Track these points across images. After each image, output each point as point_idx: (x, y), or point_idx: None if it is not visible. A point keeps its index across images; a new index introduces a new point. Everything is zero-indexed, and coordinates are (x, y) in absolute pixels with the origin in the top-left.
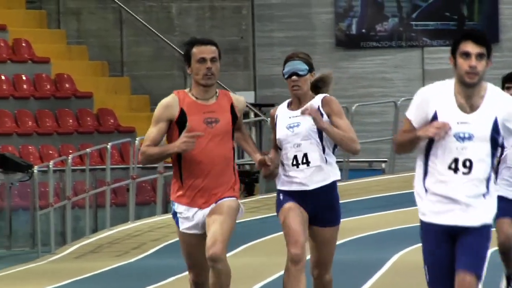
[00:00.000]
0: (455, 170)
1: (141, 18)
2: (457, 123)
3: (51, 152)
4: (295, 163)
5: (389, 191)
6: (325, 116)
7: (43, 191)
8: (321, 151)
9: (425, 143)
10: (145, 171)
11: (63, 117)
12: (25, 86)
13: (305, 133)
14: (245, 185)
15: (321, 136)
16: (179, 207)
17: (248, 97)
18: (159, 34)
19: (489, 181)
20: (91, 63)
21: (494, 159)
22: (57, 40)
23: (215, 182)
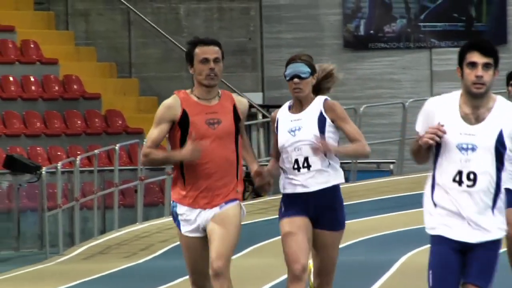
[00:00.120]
0: (460, 182)
1: (149, 19)
2: (459, 133)
3: (59, 153)
4: (296, 166)
5: (397, 192)
6: (329, 120)
7: (51, 192)
8: (323, 155)
9: (433, 155)
10: (153, 172)
11: (71, 118)
12: (33, 87)
13: (307, 138)
14: (252, 186)
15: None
16: (180, 208)
17: (256, 98)
18: (167, 35)
19: (497, 195)
20: (99, 64)
21: (500, 172)
22: (65, 41)
23: (217, 182)
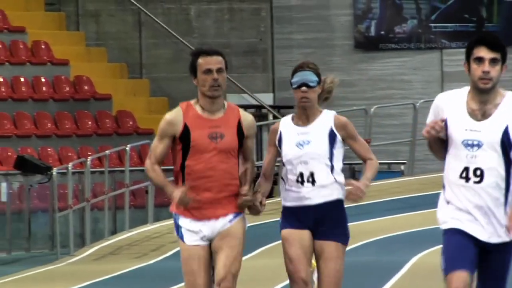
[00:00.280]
0: (467, 179)
1: (160, 20)
2: (465, 130)
3: (70, 154)
4: (300, 180)
5: (408, 193)
6: (339, 137)
7: (62, 193)
8: (329, 171)
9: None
10: (164, 173)
11: (82, 119)
12: (44, 88)
13: (315, 153)
14: None
15: (331, 156)
16: (183, 220)
17: (266, 99)
18: (178, 36)
19: (509, 191)
20: (110, 65)
21: (510, 167)
22: (76, 42)
23: (219, 195)
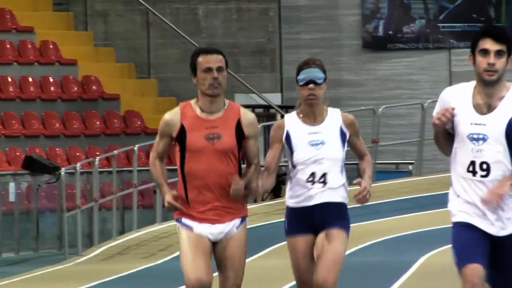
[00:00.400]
0: (473, 173)
1: (168, 20)
2: (470, 124)
3: (78, 154)
4: (311, 179)
5: (416, 193)
6: (347, 135)
7: (70, 193)
8: (340, 172)
9: (452, 146)
10: (172, 173)
11: (90, 119)
12: (52, 88)
13: (332, 154)
14: None
15: (343, 157)
16: (186, 221)
17: (274, 99)
18: (186, 36)
19: None
20: (118, 65)
21: None
22: (84, 42)
23: (221, 197)
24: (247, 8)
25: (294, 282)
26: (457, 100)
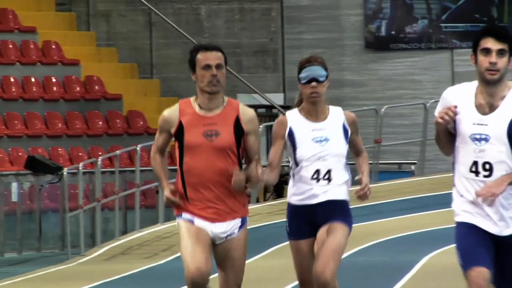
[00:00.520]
0: (476, 173)
1: (171, 20)
2: (472, 124)
3: (80, 154)
4: (315, 177)
5: (419, 193)
6: (349, 132)
7: (72, 193)
8: (344, 169)
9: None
10: (175, 173)
11: (92, 119)
12: (55, 88)
13: (336, 151)
14: (274, 187)
15: (346, 154)
16: (187, 216)
17: (277, 99)
18: (189, 36)
19: None
20: (121, 65)
21: None
22: (86, 42)
23: (221, 196)
24: (249, 8)
25: (296, 282)
26: (459, 99)
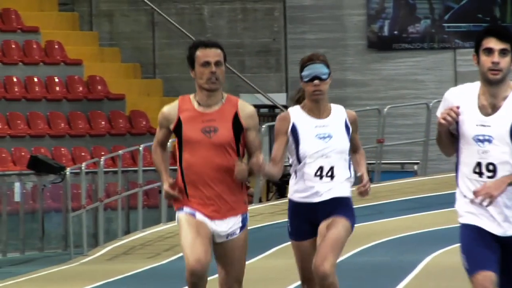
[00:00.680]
0: (480, 174)
1: (174, 20)
2: (476, 125)
3: (83, 154)
4: (318, 174)
5: (421, 193)
6: (351, 130)
7: (75, 193)
8: (347, 166)
9: (456, 146)
10: (175, 173)
11: (95, 119)
12: (57, 88)
13: (339, 147)
14: (276, 186)
15: (348, 151)
16: (187, 209)
17: (280, 99)
18: (191, 36)
19: None
20: (124, 65)
21: None
22: (89, 42)
23: (220, 190)
24: (252, 8)
25: (299, 282)
26: (462, 100)
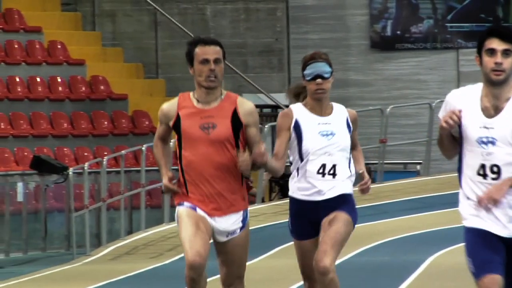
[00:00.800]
0: (484, 176)
1: (176, 20)
2: (479, 127)
3: (86, 154)
4: (321, 171)
5: (424, 193)
6: (351, 128)
7: (78, 193)
8: (348, 164)
9: (459, 148)
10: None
11: (98, 119)
12: (60, 88)
13: (342, 145)
14: (279, 186)
15: (350, 149)
16: (188, 204)
17: (282, 99)
18: (194, 36)
19: None
20: (126, 65)
21: None
22: (92, 42)
23: (219, 187)
24: (255, 8)
25: (301, 282)
26: (464, 103)
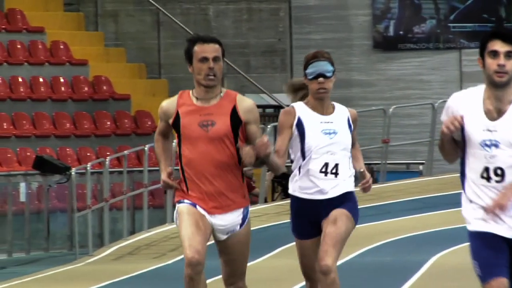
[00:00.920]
0: (488, 179)
1: (179, 20)
2: (482, 130)
3: (88, 154)
4: (323, 170)
5: (427, 193)
6: (352, 128)
7: (80, 193)
8: (350, 163)
9: (461, 151)
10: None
11: (100, 119)
12: (63, 88)
13: (344, 144)
14: (282, 187)
15: (351, 149)
16: (188, 201)
17: (285, 99)
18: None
19: None
20: (129, 65)
21: None
22: (95, 42)
23: (220, 185)
24: (257, 8)
25: (304, 282)
26: (466, 106)
